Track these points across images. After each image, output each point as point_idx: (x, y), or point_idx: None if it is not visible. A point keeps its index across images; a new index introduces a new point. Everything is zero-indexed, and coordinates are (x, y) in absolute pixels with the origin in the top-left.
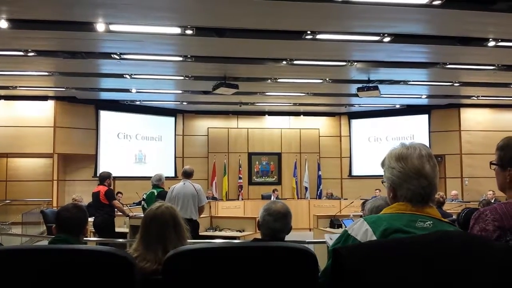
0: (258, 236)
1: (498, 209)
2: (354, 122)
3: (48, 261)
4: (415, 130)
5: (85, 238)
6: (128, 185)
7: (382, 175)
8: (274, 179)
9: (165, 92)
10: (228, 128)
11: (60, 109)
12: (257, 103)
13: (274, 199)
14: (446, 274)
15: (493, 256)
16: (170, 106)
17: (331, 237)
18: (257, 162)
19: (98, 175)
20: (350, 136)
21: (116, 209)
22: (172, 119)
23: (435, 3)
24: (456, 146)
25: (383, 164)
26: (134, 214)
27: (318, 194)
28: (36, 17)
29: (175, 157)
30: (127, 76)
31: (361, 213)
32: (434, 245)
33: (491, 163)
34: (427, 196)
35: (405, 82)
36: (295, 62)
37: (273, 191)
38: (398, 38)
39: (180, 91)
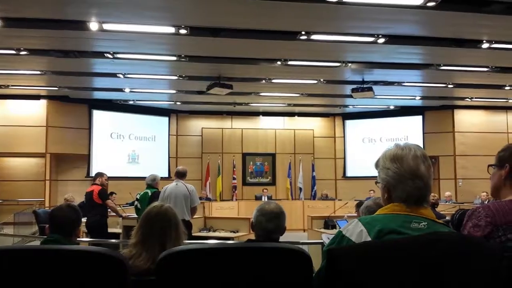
0: (252, 237)
1: (491, 206)
2: (348, 123)
3: (40, 261)
4: (409, 131)
5: (77, 239)
6: (121, 185)
7: (376, 176)
8: (268, 179)
9: (159, 92)
10: (222, 128)
11: (53, 109)
12: (251, 103)
13: (265, 198)
14: (439, 274)
15: (486, 256)
16: (164, 106)
17: (328, 237)
18: (251, 163)
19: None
20: (344, 137)
21: (109, 209)
22: (166, 119)
23: (429, 4)
24: (450, 147)
25: (377, 165)
26: (127, 214)
27: (312, 195)
28: (28, 15)
29: (169, 157)
30: (121, 76)
31: (355, 214)
32: (429, 246)
33: (489, 166)
34: (422, 197)
35: (399, 84)
36: (290, 62)
37: (263, 190)
38: (393, 39)
39: (174, 91)
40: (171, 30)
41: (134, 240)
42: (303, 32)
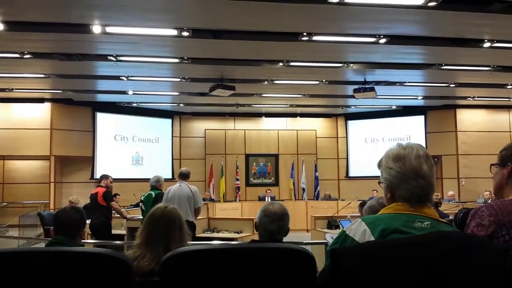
0: (256, 237)
1: (494, 205)
2: (351, 123)
3: (45, 263)
4: (411, 131)
5: (82, 241)
6: (125, 187)
7: (379, 176)
8: (271, 180)
9: (162, 94)
10: (225, 129)
11: (57, 111)
12: (254, 104)
13: (269, 199)
14: (443, 274)
15: (490, 255)
16: (167, 108)
17: (332, 237)
18: (254, 164)
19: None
20: (347, 137)
21: (113, 211)
22: (169, 121)
23: (430, 4)
24: (452, 146)
25: (380, 165)
26: (132, 216)
27: (316, 195)
28: (32, 19)
29: (172, 159)
30: (124, 78)
31: (358, 214)
32: (432, 245)
33: (491, 165)
34: (425, 196)
35: (401, 83)
36: (292, 63)
37: (266, 191)
38: (394, 39)
39: (177, 93)
40: (174, 32)
41: (138, 241)
42: (304, 33)
